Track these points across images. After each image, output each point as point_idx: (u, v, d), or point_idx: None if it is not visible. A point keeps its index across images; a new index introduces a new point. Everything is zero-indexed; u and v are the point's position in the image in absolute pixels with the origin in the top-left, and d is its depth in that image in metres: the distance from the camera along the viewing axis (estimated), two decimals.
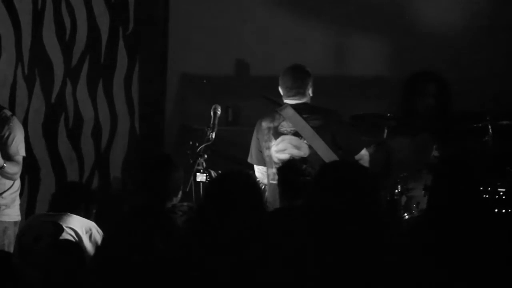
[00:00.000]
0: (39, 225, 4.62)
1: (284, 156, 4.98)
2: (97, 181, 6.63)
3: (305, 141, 4.96)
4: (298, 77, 5.10)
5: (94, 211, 4.83)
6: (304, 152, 4.95)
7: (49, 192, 5.24)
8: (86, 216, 4.75)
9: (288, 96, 5.11)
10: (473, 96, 6.49)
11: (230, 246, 3.37)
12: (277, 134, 5.05)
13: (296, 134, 4.99)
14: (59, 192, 4.91)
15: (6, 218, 5.09)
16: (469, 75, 6.58)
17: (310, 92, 5.13)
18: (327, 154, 4.86)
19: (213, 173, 4.60)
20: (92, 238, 4.58)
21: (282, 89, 5.17)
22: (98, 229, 4.66)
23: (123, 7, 6.76)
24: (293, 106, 5.06)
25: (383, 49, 6.86)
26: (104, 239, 4.22)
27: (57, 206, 4.71)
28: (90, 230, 4.60)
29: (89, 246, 4.51)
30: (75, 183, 5.34)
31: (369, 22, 6.83)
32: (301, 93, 5.09)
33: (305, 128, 4.97)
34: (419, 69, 6.24)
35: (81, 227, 4.56)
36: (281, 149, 5.02)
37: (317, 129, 4.98)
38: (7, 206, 5.10)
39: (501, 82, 6.50)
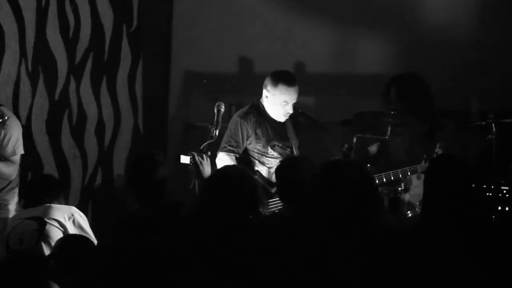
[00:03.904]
0: (20, 225, 4.59)
1: None
2: (100, 178, 6.63)
3: None
4: None
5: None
6: None
7: None
8: (66, 203, 4.79)
9: None
10: (475, 95, 6.50)
11: (228, 243, 3.39)
12: None
13: None
14: (36, 186, 4.85)
15: (6, 214, 5.09)
16: (471, 74, 6.59)
17: (263, 92, 5.28)
18: None
19: (196, 157, 4.57)
20: (76, 223, 4.58)
21: None
22: (80, 212, 4.67)
23: (126, 4, 6.77)
24: None
25: (387, 47, 6.87)
26: (103, 247, 4.20)
27: (35, 200, 4.71)
28: (72, 215, 4.60)
29: (74, 232, 4.51)
30: (48, 176, 5.31)
31: (372, 20, 6.84)
32: None
33: None
34: (418, 68, 6.26)
35: (63, 216, 4.56)
36: None
37: None
38: (7, 202, 5.11)
39: (503, 81, 6.51)
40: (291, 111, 5.21)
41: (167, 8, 7.09)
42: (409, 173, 5.31)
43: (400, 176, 5.26)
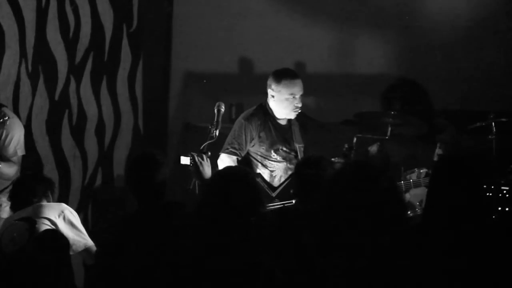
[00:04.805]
0: (11, 226, 4.55)
1: None
2: (100, 178, 6.63)
3: None
4: None
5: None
6: None
7: None
8: (53, 200, 4.77)
9: None
10: (475, 95, 6.51)
11: (228, 244, 3.38)
12: None
13: None
14: (22, 188, 4.78)
15: (5, 215, 5.08)
16: (471, 74, 6.59)
17: (268, 92, 5.27)
18: None
19: (196, 157, 4.56)
20: (66, 219, 4.56)
21: None
22: (70, 209, 4.64)
23: (127, 4, 6.77)
24: None
25: (387, 47, 6.87)
26: (105, 245, 4.19)
27: (24, 202, 4.68)
28: (63, 212, 4.57)
29: (65, 228, 4.49)
30: (34, 175, 5.30)
31: (373, 20, 6.84)
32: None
33: None
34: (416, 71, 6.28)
35: (53, 213, 4.54)
36: None
37: None
38: (6, 203, 5.11)
39: (503, 81, 6.51)
40: (300, 105, 5.19)
41: (167, 8, 7.09)
42: (412, 182, 5.25)
43: (404, 188, 5.20)
